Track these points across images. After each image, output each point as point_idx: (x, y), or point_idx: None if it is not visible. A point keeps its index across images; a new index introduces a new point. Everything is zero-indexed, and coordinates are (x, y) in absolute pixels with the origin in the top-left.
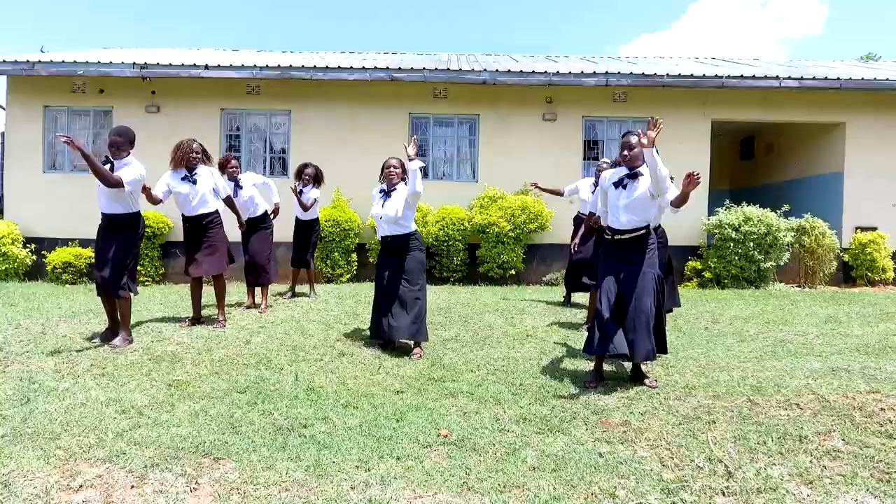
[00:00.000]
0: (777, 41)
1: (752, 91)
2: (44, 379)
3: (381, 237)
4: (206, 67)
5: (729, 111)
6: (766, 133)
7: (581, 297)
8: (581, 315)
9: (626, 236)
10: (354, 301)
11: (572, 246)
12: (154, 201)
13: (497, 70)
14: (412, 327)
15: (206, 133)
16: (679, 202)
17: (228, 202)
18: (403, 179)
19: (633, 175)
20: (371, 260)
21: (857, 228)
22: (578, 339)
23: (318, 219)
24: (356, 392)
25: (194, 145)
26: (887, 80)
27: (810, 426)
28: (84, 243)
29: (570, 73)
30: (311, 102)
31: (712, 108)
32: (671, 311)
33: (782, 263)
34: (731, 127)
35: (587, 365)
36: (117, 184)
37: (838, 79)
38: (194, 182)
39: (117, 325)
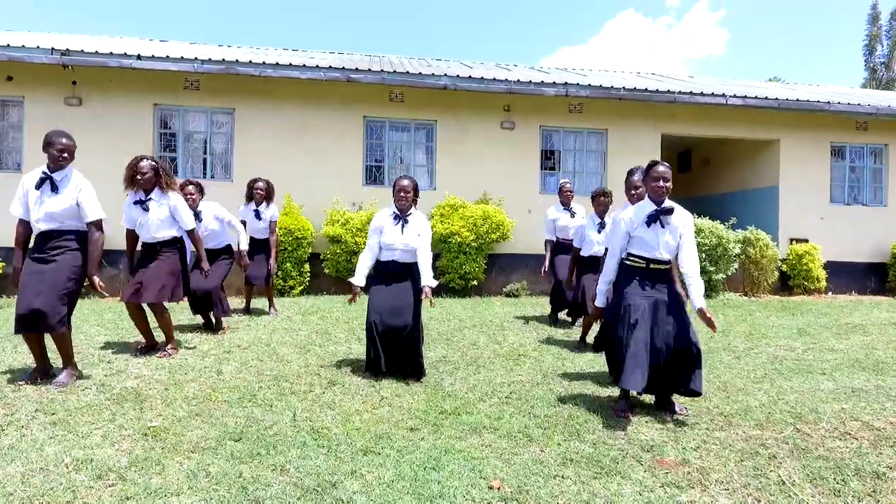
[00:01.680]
0: (685, 60)
1: (699, 107)
2: None
3: (387, 262)
4: (139, 58)
5: (677, 125)
6: (702, 147)
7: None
8: (562, 332)
9: (663, 266)
10: (320, 318)
11: (542, 270)
12: (133, 239)
13: (458, 76)
14: (418, 362)
15: (137, 130)
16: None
17: (192, 237)
18: (415, 201)
19: (668, 210)
20: (326, 271)
21: (791, 240)
22: (575, 359)
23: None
24: (368, 432)
25: (141, 164)
26: (818, 101)
27: (878, 460)
28: None
29: (530, 81)
30: (257, 101)
31: (662, 122)
32: None
33: (730, 274)
34: (669, 141)
35: (600, 390)
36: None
37: (776, 98)
38: (146, 210)
39: (47, 363)
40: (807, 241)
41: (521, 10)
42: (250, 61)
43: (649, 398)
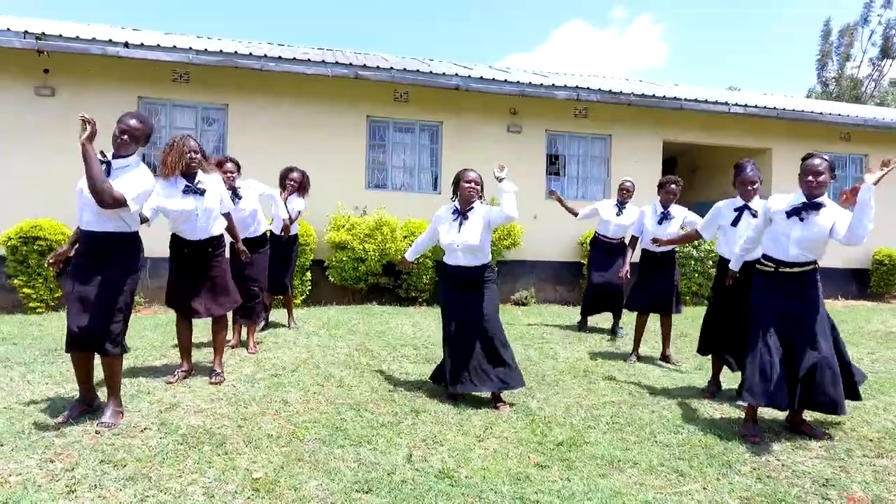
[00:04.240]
0: (629, 71)
1: (698, 114)
2: (43, 498)
3: (454, 267)
4: (127, 45)
5: (677, 132)
6: (688, 155)
7: (599, 321)
8: (608, 342)
9: (795, 270)
10: (346, 331)
11: (624, 273)
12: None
13: (469, 76)
14: (512, 373)
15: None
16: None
17: (228, 219)
18: (480, 197)
19: (814, 206)
20: (331, 279)
21: None
22: (648, 373)
23: (297, 235)
24: (500, 473)
25: (191, 142)
26: (812, 111)
27: None
28: None
29: (541, 84)
30: (253, 97)
31: (663, 128)
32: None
33: None
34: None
35: (708, 408)
36: (116, 202)
37: (775, 108)
38: (200, 194)
39: (92, 393)
40: None
41: (467, 14)
42: (250, 54)
43: (777, 417)
